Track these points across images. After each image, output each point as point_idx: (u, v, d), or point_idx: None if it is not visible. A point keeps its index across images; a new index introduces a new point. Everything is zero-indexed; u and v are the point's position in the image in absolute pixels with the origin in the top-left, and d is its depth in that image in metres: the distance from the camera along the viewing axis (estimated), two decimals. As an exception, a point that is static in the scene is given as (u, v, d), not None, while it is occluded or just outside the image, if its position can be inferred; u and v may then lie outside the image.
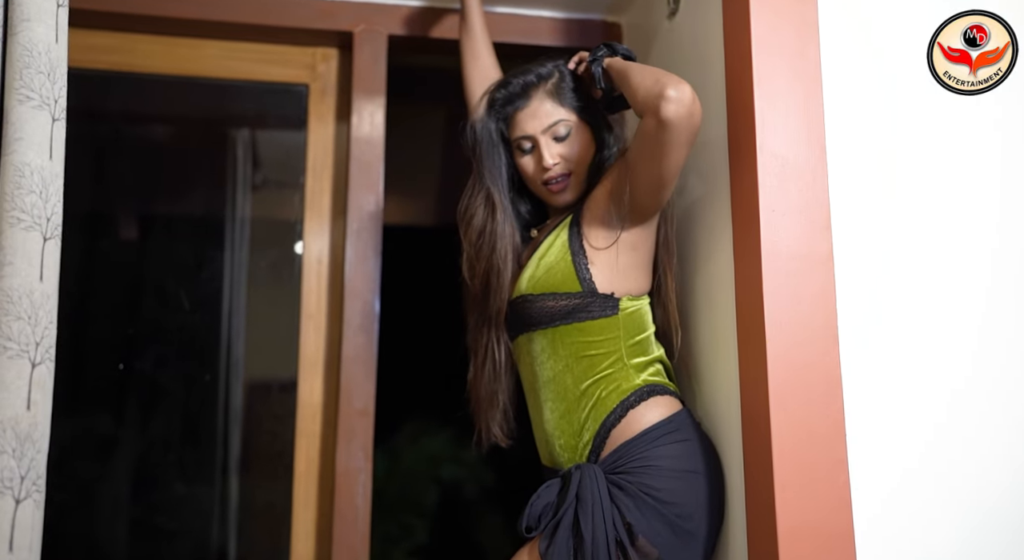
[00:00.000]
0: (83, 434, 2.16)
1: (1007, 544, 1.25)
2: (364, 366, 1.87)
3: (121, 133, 2.38)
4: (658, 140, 1.29)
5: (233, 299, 2.21)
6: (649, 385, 1.38)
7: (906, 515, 1.24)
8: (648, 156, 1.33)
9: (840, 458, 1.22)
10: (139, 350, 2.22)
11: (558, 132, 1.46)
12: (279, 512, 1.96)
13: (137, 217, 2.47)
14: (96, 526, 2.14)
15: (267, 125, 2.36)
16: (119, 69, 1.98)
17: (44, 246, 0.96)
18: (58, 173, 0.99)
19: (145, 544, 2.15)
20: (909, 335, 1.30)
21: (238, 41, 2.02)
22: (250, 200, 2.31)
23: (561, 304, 1.39)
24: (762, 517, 1.22)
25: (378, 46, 1.99)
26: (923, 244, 1.33)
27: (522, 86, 1.49)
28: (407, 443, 4.01)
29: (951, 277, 1.33)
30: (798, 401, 1.22)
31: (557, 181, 1.47)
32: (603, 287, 1.39)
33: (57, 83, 0.98)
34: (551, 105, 1.47)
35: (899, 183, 1.34)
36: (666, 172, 1.33)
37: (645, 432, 1.33)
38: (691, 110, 1.27)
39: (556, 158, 1.46)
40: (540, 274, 1.41)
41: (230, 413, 2.17)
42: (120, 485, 2.21)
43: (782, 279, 1.26)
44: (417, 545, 3.92)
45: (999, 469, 1.27)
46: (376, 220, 1.93)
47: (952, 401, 1.29)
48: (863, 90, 1.35)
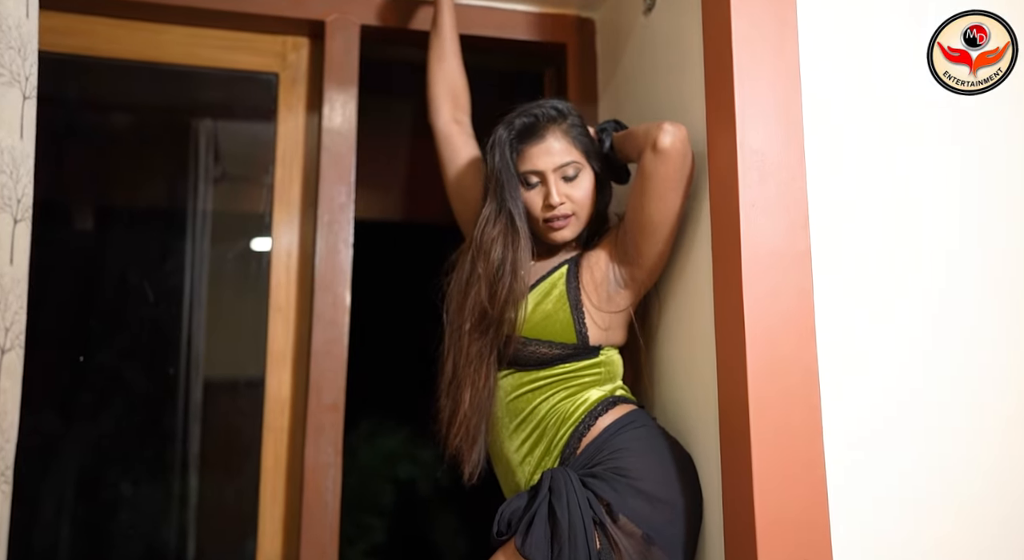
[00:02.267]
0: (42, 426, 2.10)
1: (983, 537, 1.28)
2: (334, 360, 1.83)
3: (77, 120, 2.31)
4: (655, 174, 1.37)
5: (194, 293, 2.16)
6: (613, 396, 1.45)
7: (880, 507, 1.26)
8: (645, 194, 1.39)
9: (817, 452, 1.23)
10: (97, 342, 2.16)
11: (567, 172, 1.48)
12: (243, 509, 1.92)
13: (94, 207, 2.40)
14: (51, 520, 2.08)
15: (234, 115, 2.31)
16: (78, 52, 1.91)
17: (14, 229, 0.92)
18: (29, 153, 0.95)
19: (102, 540, 2.09)
20: (885, 331, 1.31)
21: (206, 27, 1.97)
22: (212, 192, 2.26)
23: (555, 353, 1.44)
24: (740, 512, 1.23)
25: (350, 36, 1.96)
26: (914, 242, 1.34)
27: (543, 118, 1.49)
28: (363, 442, 3.97)
29: (934, 276, 1.35)
30: (776, 394, 1.23)
31: (559, 220, 1.48)
32: (594, 341, 1.46)
33: (28, 60, 0.95)
34: (565, 144, 1.48)
35: (898, 183, 1.35)
36: (661, 216, 1.39)
37: (606, 428, 1.39)
38: (685, 146, 1.37)
39: (563, 198, 1.48)
40: (537, 319, 1.44)
41: (190, 408, 2.12)
42: (71, 482, 2.15)
43: (761, 274, 1.27)
44: (374, 544, 3.88)
45: (974, 465, 1.30)
46: (347, 211, 1.90)
47: (927, 397, 1.31)
48: (845, 87, 1.37)
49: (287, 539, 1.84)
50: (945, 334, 1.33)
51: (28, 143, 0.95)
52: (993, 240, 1.37)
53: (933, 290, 1.34)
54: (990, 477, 1.31)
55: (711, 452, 1.35)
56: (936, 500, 1.28)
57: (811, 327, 1.27)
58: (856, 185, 1.35)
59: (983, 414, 1.32)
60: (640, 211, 1.41)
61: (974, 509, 1.29)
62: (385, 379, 3.30)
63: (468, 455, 1.45)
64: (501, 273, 1.44)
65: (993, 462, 1.31)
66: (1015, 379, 1.34)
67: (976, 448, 1.31)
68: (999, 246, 1.36)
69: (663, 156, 1.36)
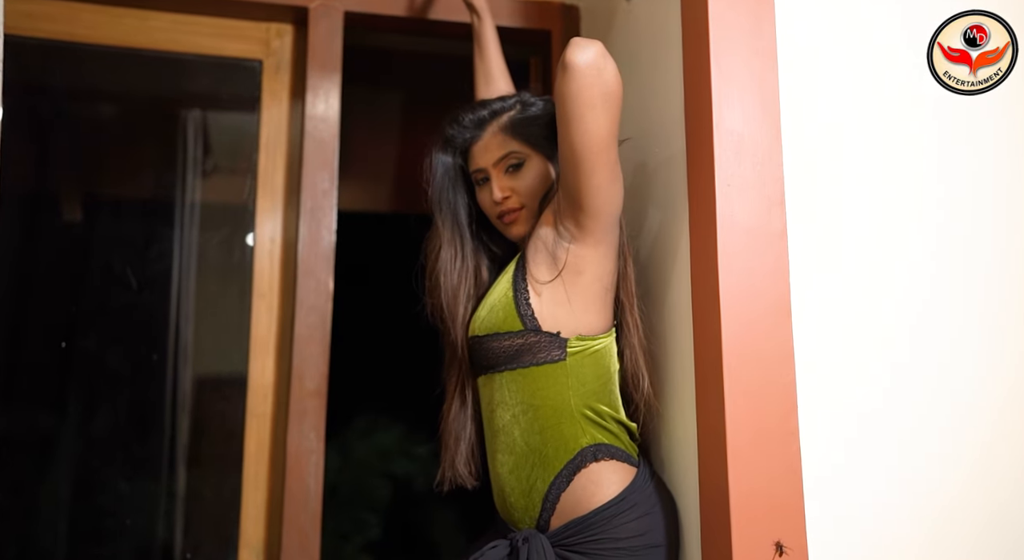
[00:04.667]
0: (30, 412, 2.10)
1: (959, 513, 1.28)
2: (317, 345, 1.83)
3: (62, 109, 2.31)
4: (566, 93, 1.22)
5: (182, 284, 2.16)
6: (595, 445, 1.29)
7: (855, 484, 1.26)
8: (561, 119, 1.25)
9: (792, 429, 1.23)
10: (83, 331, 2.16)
11: (509, 164, 1.43)
12: (228, 495, 1.92)
13: (81, 197, 2.40)
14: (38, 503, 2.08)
15: (219, 105, 2.30)
16: (60, 38, 1.91)
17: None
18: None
19: (87, 526, 2.09)
20: (859, 310, 1.32)
21: (189, 14, 1.97)
22: (199, 182, 2.26)
23: (504, 345, 1.31)
24: (715, 484, 1.23)
25: (334, 22, 1.96)
26: (898, 229, 1.35)
27: (473, 121, 1.47)
28: (358, 438, 3.97)
29: (918, 262, 1.35)
30: (751, 372, 1.23)
31: (508, 213, 1.44)
32: (547, 324, 1.31)
33: (-4, 33, 0.94)
34: (503, 138, 1.44)
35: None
36: (581, 139, 1.23)
37: (600, 510, 1.26)
38: (599, 61, 1.21)
39: (506, 191, 1.43)
40: (484, 314, 1.37)
41: (178, 396, 2.11)
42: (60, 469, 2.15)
43: (737, 253, 1.27)
44: (369, 540, 3.88)
45: (943, 439, 1.30)
46: (330, 198, 1.90)
47: (907, 377, 1.31)
48: (826, 69, 1.37)
49: (270, 524, 1.85)
50: (927, 317, 1.33)
51: (-5, 116, 0.95)
52: (993, 239, 1.36)
53: (916, 275, 1.34)
54: (972, 458, 1.31)
55: (688, 431, 1.35)
56: (920, 483, 1.28)
57: (787, 305, 1.27)
58: (836, 167, 1.35)
59: (957, 387, 1.32)
60: (562, 141, 1.27)
61: (948, 481, 1.29)
62: (379, 374, 3.31)
63: (445, 460, 1.44)
64: (433, 279, 1.44)
65: (976, 445, 1.31)
66: (999, 353, 1.34)
67: (950, 421, 1.31)
68: (998, 245, 1.36)
69: (571, 72, 1.21)
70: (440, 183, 1.48)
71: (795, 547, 1.19)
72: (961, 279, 1.35)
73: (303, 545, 1.75)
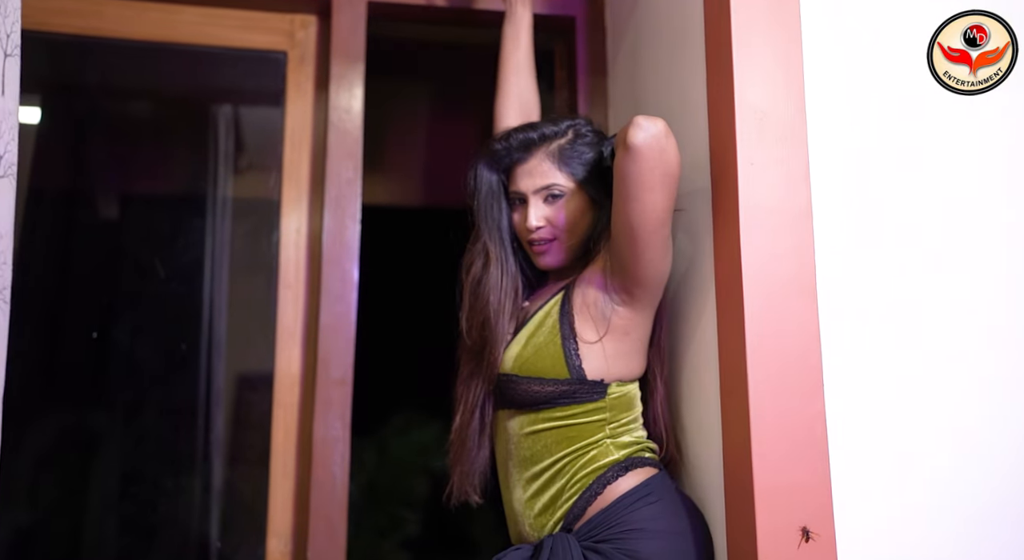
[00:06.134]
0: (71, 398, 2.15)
1: (984, 497, 1.24)
2: (342, 335, 1.84)
3: (96, 106, 2.35)
4: (628, 173, 1.22)
5: (214, 278, 2.19)
6: (629, 458, 1.32)
7: (884, 469, 1.22)
8: (619, 195, 1.25)
9: (817, 411, 1.20)
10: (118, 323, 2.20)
11: (550, 193, 1.40)
12: (257, 484, 1.94)
13: (117, 194, 2.44)
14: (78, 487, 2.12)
15: (246, 99, 2.32)
16: (89, 33, 1.94)
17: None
18: (11, 110, 0.96)
19: (117, 514, 2.13)
20: (888, 291, 1.28)
21: (214, 6, 1.99)
22: (231, 177, 2.28)
23: (548, 390, 1.32)
24: (739, 456, 1.20)
25: (357, 12, 1.97)
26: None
27: (522, 142, 1.44)
28: (396, 435, 3.99)
29: (936, 243, 1.31)
30: (775, 354, 1.20)
31: (540, 243, 1.42)
32: (592, 374, 1.32)
33: (9, 18, 0.96)
34: (549, 166, 1.41)
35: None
36: (638, 218, 1.23)
37: (620, 499, 1.28)
38: (661, 142, 1.20)
39: (541, 220, 1.41)
40: (528, 354, 1.34)
41: (212, 385, 2.14)
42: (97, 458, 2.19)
43: (760, 233, 1.24)
44: (408, 537, 3.90)
45: (976, 424, 1.26)
46: (354, 187, 1.90)
47: (928, 357, 1.27)
48: (846, 44, 1.33)
49: (297, 512, 1.86)
50: (959, 301, 1.29)
51: (10, 101, 0.96)
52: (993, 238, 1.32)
53: (942, 254, 1.30)
54: (1007, 445, 1.26)
55: (712, 416, 1.32)
56: (951, 469, 1.24)
57: (812, 286, 1.24)
58: (862, 144, 1.31)
59: (991, 370, 1.27)
60: (618, 214, 1.27)
61: (980, 466, 1.25)
62: (416, 371, 3.31)
63: (455, 476, 1.42)
64: (476, 294, 1.41)
65: (1012, 433, 1.26)
66: None
67: (984, 406, 1.27)
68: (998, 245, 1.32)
69: (633, 153, 1.20)
70: (485, 199, 1.46)
71: (822, 533, 1.15)
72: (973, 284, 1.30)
73: (330, 533, 1.76)
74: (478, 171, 1.47)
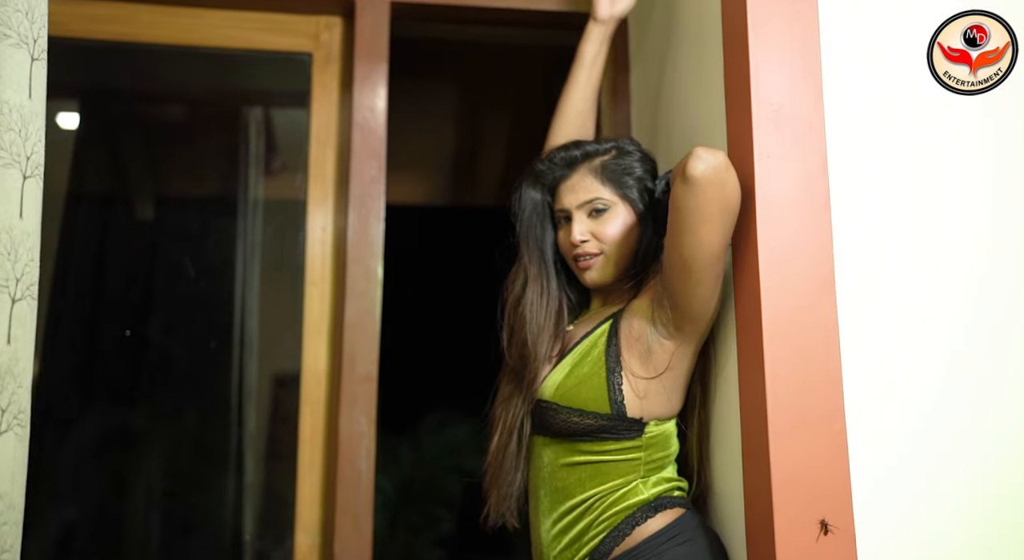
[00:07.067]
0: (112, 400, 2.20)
1: (1007, 489, 1.22)
2: (367, 331, 1.86)
3: (130, 111, 2.41)
4: (685, 205, 1.20)
5: (246, 277, 2.23)
6: (658, 499, 1.31)
7: (904, 462, 1.21)
8: (674, 228, 1.23)
9: (836, 406, 1.19)
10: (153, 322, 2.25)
11: (594, 207, 1.40)
12: (286, 479, 1.97)
13: (153, 197, 2.50)
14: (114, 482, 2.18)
15: (274, 101, 2.36)
16: (121, 39, 1.99)
17: (24, 184, 0.96)
18: (38, 112, 0.99)
19: (154, 507, 2.18)
20: (908, 286, 1.26)
21: (240, 10, 2.02)
22: (261, 178, 2.32)
23: (587, 423, 1.30)
24: (757, 450, 1.20)
25: (380, 12, 1.99)
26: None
27: (565, 160, 1.45)
28: (430, 434, 4.02)
29: (950, 231, 1.29)
30: (793, 348, 1.19)
31: (585, 258, 1.40)
32: (633, 411, 1.30)
33: (36, 23, 0.99)
34: (592, 181, 1.41)
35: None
36: (693, 251, 1.21)
37: (648, 539, 1.27)
38: (722, 175, 1.18)
39: (586, 234, 1.40)
40: (571, 384, 1.33)
41: (244, 382, 2.18)
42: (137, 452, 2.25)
43: (777, 226, 1.23)
44: (442, 535, 3.92)
45: (997, 419, 1.24)
46: (378, 185, 1.92)
47: (948, 351, 1.25)
48: (863, 37, 1.32)
49: (325, 507, 1.88)
50: (981, 296, 1.27)
51: (37, 103, 0.99)
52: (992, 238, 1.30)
53: (960, 247, 1.28)
54: (1022, 436, 1.24)
55: (731, 411, 1.31)
56: (973, 464, 1.22)
57: (831, 281, 1.23)
58: (884, 139, 1.30)
59: (1012, 361, 1.25)
60: (672, 247, 1.25)
61: (1007, 460, 1.23)
62: (450, 371, 3.33)
63: (492, 498, 1.41)
64: (517, 313, 1.40)
65: None
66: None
67: (1017, 406, 1.24)
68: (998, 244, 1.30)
69: (692, 185, 1.18)
70: (528, 219, 1.46)
71: (841, 526, 1.15)
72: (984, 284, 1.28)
73: (356, 527, 1.78)
74: (522, 192, 1.47)
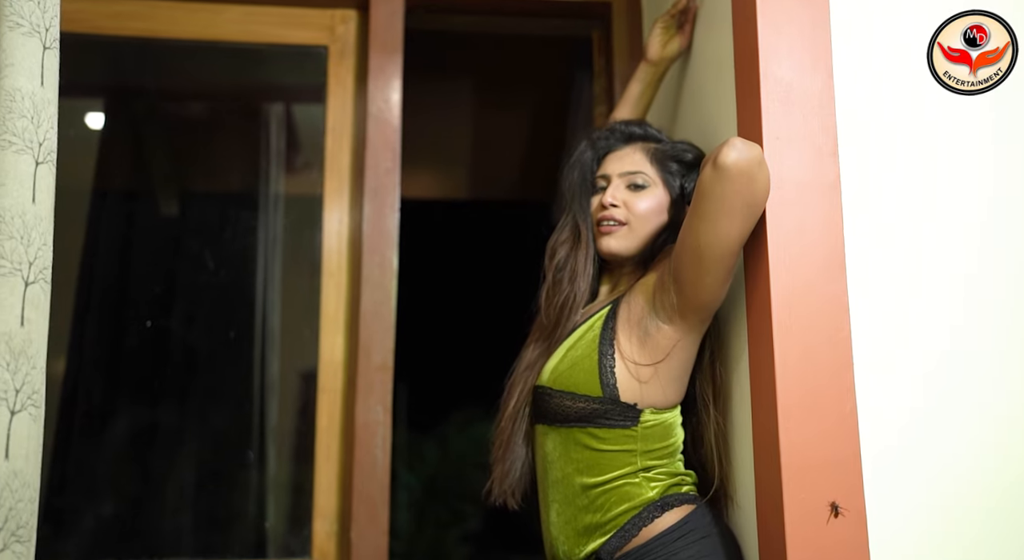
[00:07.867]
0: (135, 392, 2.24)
1: (1018, 473, 1.20)
2: (382, 321, 1.88)
3: (152, 107, 2.45)
4: (710, 191, 1.17)
5: (268, 270, 2.26)
6: (664, 497, 1.27)
7: (916, 443, 1.19)
8: (695, 212, 1.20)
9: (847, 385, 1.18)
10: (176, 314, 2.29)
11: (634, 181, 1.38)
12: (303, 467, 2.00)
13: (177, 192, 2.54)
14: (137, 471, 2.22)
15: (293, 95, 2.39)
16: (143, 35, 2.03)
17: (36, 170, 0.98)
18: (51, 100, 1.01)
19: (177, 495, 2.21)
20: (918, 264, 1.25)
21: (257, 4, 2.05)
22: (282, 173, 2.35)
23: (579, 406, 1.28)
24: (766, 430, 1.19)
25: (395, 4, 2.01)
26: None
27: (622, 133, 1.46)
28: (456, 430, 4.05)
29: (955, 215, 1.27)
30: (803, 328, 1.18)
31: (610, 223, 1.38)
32: (626, 396, 1.27)
33: (48, 12, 1.01)
34: (640, 157, 1.41)
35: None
36: (709, 240, 1.19)
37: (658, 537, 1.24)
38: (753, 169, 1.16)
39: (619, 201, 1.38)
40: (564, 368, 1.32)
41: (266, 372, 2.21)
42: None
43: (786, 207, 1.22)
44: (468, 531, 3.94)
45: (1009, 398, 1.22)
46: (393, 177, 1.94)
47: (959, 330, 1.23)
48: (869, 28, 1.31)
49: (342, 494, 1.90)
50: (971, 262, 1.25)
51: (50, 90, 1.01)
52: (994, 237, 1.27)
53: (970, 232, 1.26)
54: None
55: (742, 395, 1.31)
56: (986, 444, 1.20)
57: (841, 260, 1.22)
58: (892, 117, 1.28)
59: (1019, 342, 1.24)
60: (688, 232, 1.22)
61: (1014, 440, 1.21)
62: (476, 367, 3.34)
63: (492, 471, 1.40)
64: (560, 276, 1.40)
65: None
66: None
67: (1016, 388, 1.23)
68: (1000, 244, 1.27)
69: (721, 172, 1.15)
70: (576, 182, 1.44)
71: (852, 508, 1.13)
72: None
73: (372, 514, 1.80)
74: (578, 154, 1.46)
